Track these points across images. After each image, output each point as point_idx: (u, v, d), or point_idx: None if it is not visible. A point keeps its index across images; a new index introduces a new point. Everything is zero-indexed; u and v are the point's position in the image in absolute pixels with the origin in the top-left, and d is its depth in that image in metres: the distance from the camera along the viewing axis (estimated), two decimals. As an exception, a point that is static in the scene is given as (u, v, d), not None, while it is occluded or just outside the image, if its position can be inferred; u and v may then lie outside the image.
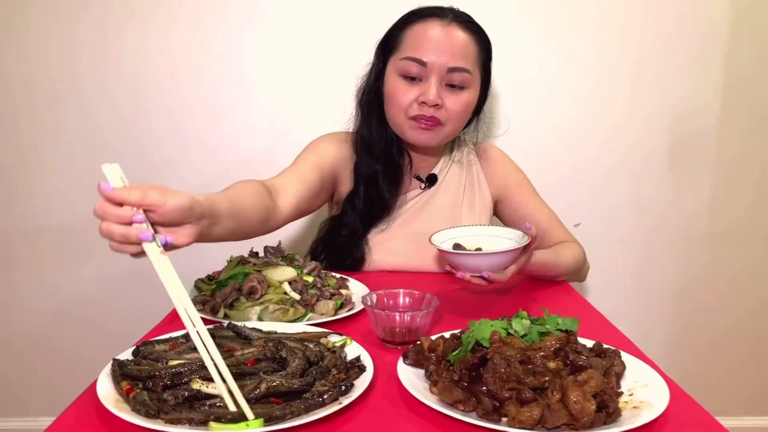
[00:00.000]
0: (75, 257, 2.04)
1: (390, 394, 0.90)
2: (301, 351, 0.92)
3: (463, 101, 1.42)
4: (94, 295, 2.07)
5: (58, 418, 0.81)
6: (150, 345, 0.95)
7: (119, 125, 1.95)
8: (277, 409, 0.77)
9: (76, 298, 2.07)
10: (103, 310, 2.09)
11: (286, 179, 1.38)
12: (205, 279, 1.29)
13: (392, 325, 1.07)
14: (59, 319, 2.09)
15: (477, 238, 1.33)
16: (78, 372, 1.96)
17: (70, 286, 2.07)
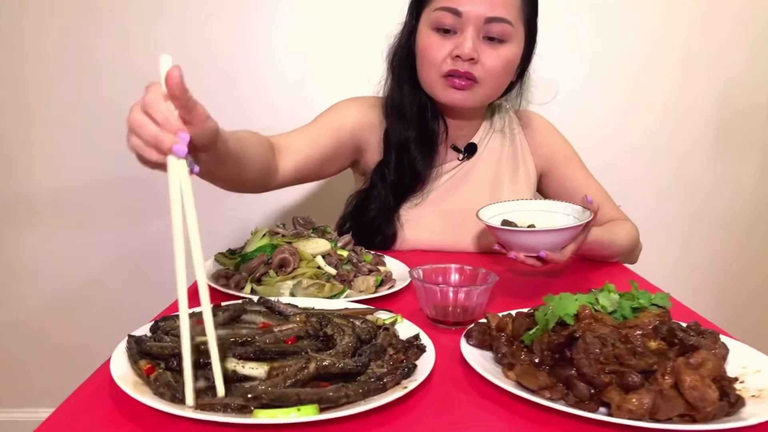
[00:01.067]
0: (75, 232, 1.90)
1: (455, 378, 0.76)
2: (349, 327, 0.78)
3: (503, 56, 1.27)
4: (98, 276, 1.94)
5: (65, 403, 0.67)
6: (170, 320, 0.81)
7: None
8: (331, 391, 0.63)
9: (79, 279, 1.93)
10: (107, 293, 1.95)
11: (294, 139, 1.25)
12: (227, 253, 1.16)
13: (445, 303, 0.93)
14: (58, 304, 1.95)
15: (527, 213, 1.20)
16: (79, 357, 1.82)
17: (73, 265, 1.93)
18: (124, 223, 1.90)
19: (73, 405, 0.66)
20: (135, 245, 1.91)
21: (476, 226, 1.39)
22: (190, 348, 0.71)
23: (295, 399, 0.61)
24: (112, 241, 1.91)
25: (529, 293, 1.13)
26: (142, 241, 1.90)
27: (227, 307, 0.85)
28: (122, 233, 1.90)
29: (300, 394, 0.61)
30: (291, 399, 0.61)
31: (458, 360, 0.81)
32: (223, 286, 1.02)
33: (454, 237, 1.40)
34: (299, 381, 0.66)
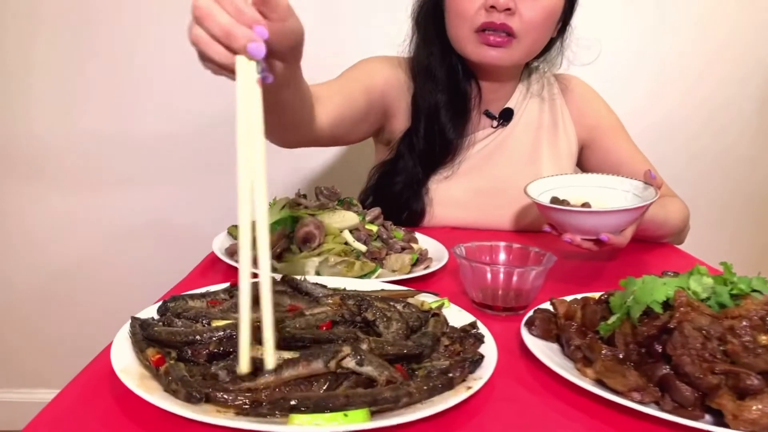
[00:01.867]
0: (73, 197, 1.76)
1: (518, 374, 0.65)
2: (395, 312, 0.66)
3: (544, 6, 1.13)
4: (98, 247, 1.81)
5: (55, 400, 0.55)
6: (181, 300, 0.69)
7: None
8: (388, 390, 0.51)
9: (77, 251, 1.80)
10: (108, 267, 1.83)
11: (326, 89, 1.10)
12: (241, 226, 1.03)
13: (495, 285, 0.81)
14: (54, 279, 1.82)
15: (578, 190, 1.07)
16: (77, 338, 1.71)
17: (70, 235, 1.79)
18: (129, 188, 1.76)
19: (65, 403, 0.55)
20: (141, 213, 1.77)
21: (512, 201, 1.27)
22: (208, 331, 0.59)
23: (342, 401, 0.49)
24: (115, 208, 1.77)
25: (579, 278, 1.01)
26: (149, 209, 1.76)
27: (247, 287, 0.73)
28: (127, 199, 1.76)
29: (349, 396, 0.49)
30: (337, 401, 0.49)
31: (517, 353, 0.70)
32: (239, 262, 0.89)
33: (488, 214, 1.27)
34: (346, 372, 0.54)
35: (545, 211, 0.95)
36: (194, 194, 1.75)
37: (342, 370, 0.55)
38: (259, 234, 0.55)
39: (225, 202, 1.72)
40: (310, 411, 0.49)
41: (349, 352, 0.54)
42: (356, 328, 0.66)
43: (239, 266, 0.56)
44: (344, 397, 0.49)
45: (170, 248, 1.76)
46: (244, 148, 0.55)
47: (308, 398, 0.50)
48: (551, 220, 0.96)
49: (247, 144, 0.55)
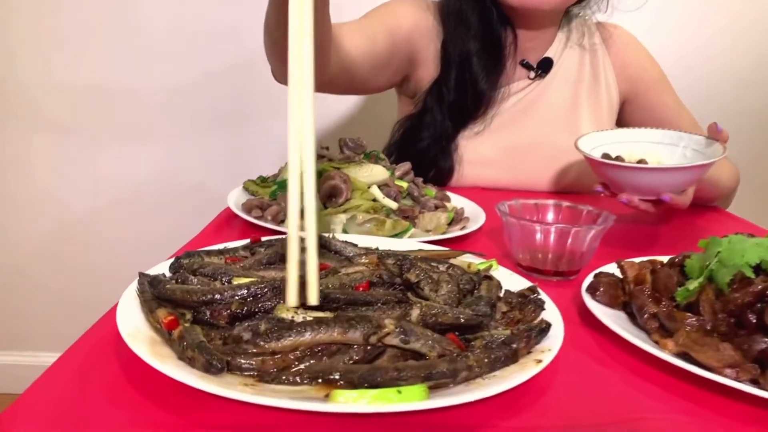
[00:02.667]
0: (77, 152, 1.66)
1: (585, 346, 0.56)
2: (444, 274, 0.58)
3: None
4: (105, 211, 1.73)
5: (52, 367, 0.47)
6: (196, 256, 0.61)
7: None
8: (445, 362, 0.43)
9: (81, 207, 1.72)
10: (115, 226, 1.74)
11: (347, 28, 1.00)
12: (257, 180, 0.94)
13: (545, 247, 0.72)
14: (59, 237, 1.75)
15: (629, 146, 0.97)
16: (82, 299, 1.64)
17: (79, 195, 1.71)
18: (135, 143, 1.66)
19: (64, 372, 0.46)
20: (148, 170, 1.67)
21: (548, 160, 1.17)
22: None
23: (393, 375, 0.40)
24: (120, 164, 1.68)
25: (629, 243, 0.91)
26: (157, 165, 1.66)
27: (271, 243, 0.64)
28: (133, 155, 1.66)
29: (400, 369, 0.41)
30: (387, 375, 0.40)
31: (577, 322, 0.61)
32: (258, 218, 0.81)
33: (521, 173, 1.18)
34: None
35: (600, 168, 0.85)
36: (203, 151, 1.66)
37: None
38: (307, 178, 0.46)
39: (235, 159, 1.63)
40: (354, 386, 0.40)
41: (392, 329, 0.45)
42: (398, 290, 0.57)
43: (288, 197, 0.47)
44: (395, 370, 0.40)
45: (180, 206, 1.68)
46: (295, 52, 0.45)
47: (352, 371, 0.41)
48: (606, 179, 0.87)
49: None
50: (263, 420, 0.41)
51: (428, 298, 0.55)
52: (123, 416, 0.41)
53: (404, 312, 0.47)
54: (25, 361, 1.82)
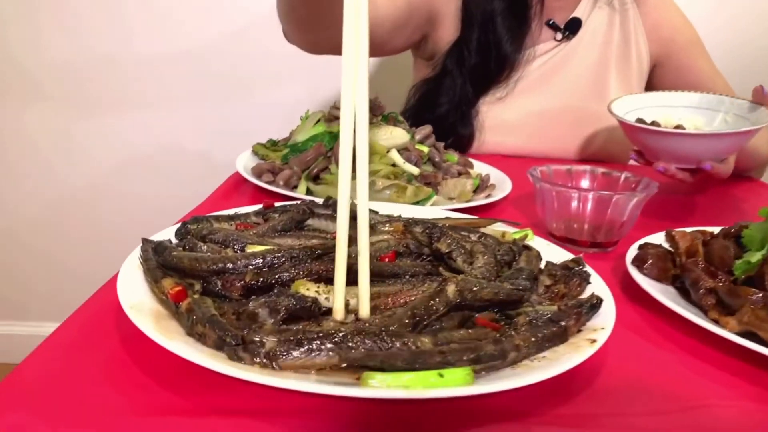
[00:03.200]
0: (80, 119, 1.60)
1: (634, 324, 0.51)
2: (478, 244, 0.52)
3: None
4: (107, 179, 1.67)
5: (46, 342, 0.42)
6: (205, 222, 0.55)
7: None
8: (489, 345, 0.37)
9: (85, 177, 1.66)
10: (120, 196, 1.69)
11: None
12: (267, 144, 0.88)
13: (582, 216, 0.66)
14: (61, 206, 1.70)
15: (664, 110, 0.91)
16: (85, 268, 1.59)
17: (80, 159, 1.65)
18: (138, 111, 1.60)
19: (58, 348, 0.42)
20: (151, 138, 1.61)
21: (575, 126, 1.11)
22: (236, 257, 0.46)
23: (438, 360, 0.35)
24: (123, 132, 1.61)
25: (666, 215, 0.85)
26: (160, 132, 1.60)
27: (285, 208, 0.59)
28: (136, 123, 1.60)
29: (445, 352, 0.35)
30: (432, 360, 0.35)
31: (622, 297, 0.56)
32: (269, 183, 0.76)
33: (546, 140, 1.11)
34: (430, 313, 0.40)
35: (636, 133, 0.79)
36: (208, 117, 1.60)
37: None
38: (359, 144, 0.40)
39: (241, 125, 1.57)
40: (393, 369, 0.35)
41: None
42: (426, 260, 0.52)
43: (339, 175, 0.41)
44: (439, 353, 0.35)
45: (185, 174, 1.62)
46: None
47: (393, 356, 0.36)
48: (640, 145, 0.81)
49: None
50: (283, 404, 0.37)
51: (461, 271, 0.50)
52: (123, 399, 0.37)
53: (438, 288, 0.41)
54: (26, 332, 1.79)
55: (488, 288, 0.43)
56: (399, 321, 0.39)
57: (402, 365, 0.34)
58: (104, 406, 0.36)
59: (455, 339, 0.38)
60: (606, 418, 0.38)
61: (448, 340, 0.38)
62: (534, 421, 0.37)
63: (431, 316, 0.40)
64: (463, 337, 0.38)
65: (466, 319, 0.42)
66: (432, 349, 0.36)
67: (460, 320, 0.42)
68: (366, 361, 0.34)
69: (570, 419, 0.38)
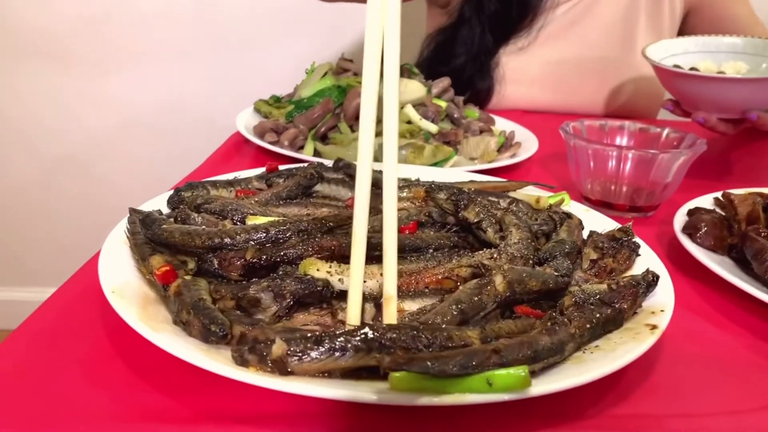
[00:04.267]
0: (73, 79, 1.52)
1: (690, 302, 0.45)
2: (508, 211, 0.46)
3: None
4: (101, 142, 1.60)
5: (21, 329, 0.37)
6: (201, 188, 0.49)
7: None
8: (544, 338, 0.31)
9: (77, 140, 1.59)
10: (115, 159, 1.62)
11: None
12: (271, 100, 0.81)
13: (619, 178, 0.60)
14: (61, 165, 1.63)
15: (703, 56, 0.83)
16: (84, 235, 1.54)
17: (74, 122, 1.58)
18: (135, 67, 1.51)
19: (30, 339, 0.36)
20: (148, 95, 1.53)
21: (602, 77, 1.03)
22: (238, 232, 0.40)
23: (494, 361, 0.29)
24: (118, 92, 1.54)
25: (706, 174, 0.78)
26: (158, 89, 1.52)
27: (291, 172, 0.52)
28: (133, 80, 1.52)
29: (499, 350, 0.29)
30: (488, 361, 0.29)
31: (672, 270, 0.50)
32: (273, 143, 0.69)
33: (571, 94, 1.04)
34: (477, 314, 0.34)
35: (674, 80, 0.72)
36: (206, 76, 1.51)
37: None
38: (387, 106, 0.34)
39: (242, 84, 1.48)
40: (445, 376, 0.29)
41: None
42: (451, 232, 0.46)
43: (360, 148, 0.34)
44: (494, 353, 0.29)
45: (183, 134, 1.55)
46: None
47: (441, 358, 0.29)
48: (678, 94, 0.74)
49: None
50: (294, 408, 0.31)
51: (492, 243, 0.43)
52: (106, 401, 0.31)
53: (485, 282, 0.35)
54: (21, 297, 1.75)
55: (536, 277, 0.36)
56: (443, 315, 0.33)
57: (455, 370, 0.28)
58: (83, 409, 0.30)
59: (503, 333, 0.32)
60: (671, 420, 0.32)
61: (496, 333, 0.32)
62: (589, 425, 0.31)
63: (479, 312, 0.33)
64: (510, 329, 0.32)
65: (503, 306, 0.36)
66: (484, 348, 0.29)
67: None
68: (410, 367, 0.27)
69: (629, 422, 0.32)
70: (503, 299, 0.34)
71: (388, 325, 0.32)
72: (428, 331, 0.31)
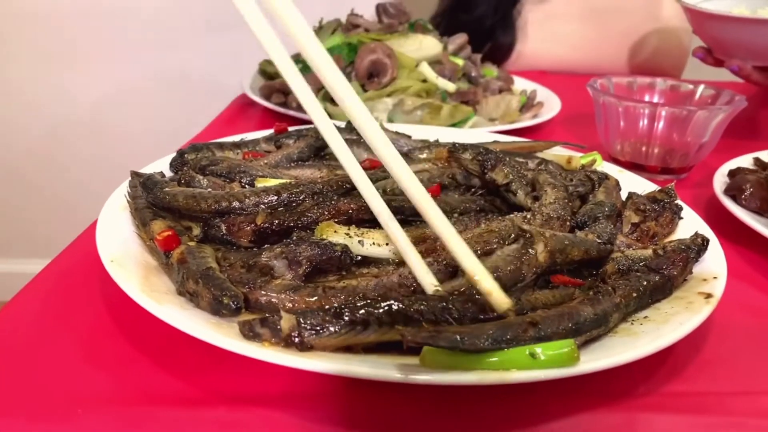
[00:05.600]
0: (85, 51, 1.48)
1: (740, 270, 0.41)
2: (540, 172, 0.42)
3: None
4: (102, 110, 1.56)
5: (17, 299, 0.34)
6: (205, 150, 0.45)
7: None
8: (587, 307, 0.28)
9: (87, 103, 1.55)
10: (116, 126, 1.58)
11: None
12: (277, 60, 0.77)
13: (651, 137, 0.56)
14: (61, 132, 1.59)
15: (737, 2, 0.77)
16: (84, 204, 1.51)
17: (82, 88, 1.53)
18: (138, 34, 1.47)
19: (25, 311, 0.33)
20: (153, 58, 1.49)
21: (627, 35, 0.98)
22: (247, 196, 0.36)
23: (531, 332, 0.26)
24: (126, 50, 1.49)
25: (737, 130, 0.73)
26: (164, 53, 1.48)
27: (301, 133, 0.49)
28: (138, 40, 1.48)
29: (537, 322, 0.26)
30: (524, 333, 0.26)
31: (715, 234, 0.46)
32: (280, 104, 0.65)
33: (601, 49, 0.99)
34: (515, 285, 0.31)
35: (707, 23, 0.67)
36: (211, 43, 1.46)
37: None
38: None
39: (243, 47, 1.43)
40: (476, 351, 0.26)
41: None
42: (477, 195, 0.42)
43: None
44: (530, 325, 0.26)
45: (187, 99, 1.50)
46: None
47: (475, 332, 0.26)
48: (710, 39, 0.69)
49: None
50: (311, 388, 0.28)
51: (523, 207, 0.40)
52: (107, 382, 0.28)
53: (524, 248, 0.31)
54: (14, 269, 1.73)
55: (578, 245, 0.33)
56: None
57: (487, 344, 0.25)
58: (81, 390, 0.28)
59: (539, 304, 0.29)
60: (731, 399, 0.29)
61: (533, 304, 0.28)
62: (641, 404, 0.28)
63: (517, 284, 0.30)
64: (548, 300, 0.29)
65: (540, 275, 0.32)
66: (520, 320, 0.26)
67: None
68: (437, 341, 0.24)
69: (685, 400, 0.29)
70: (543, 270, 0.31)
71: (415, 296, 0.29)
72: (459, 302, 0.28)
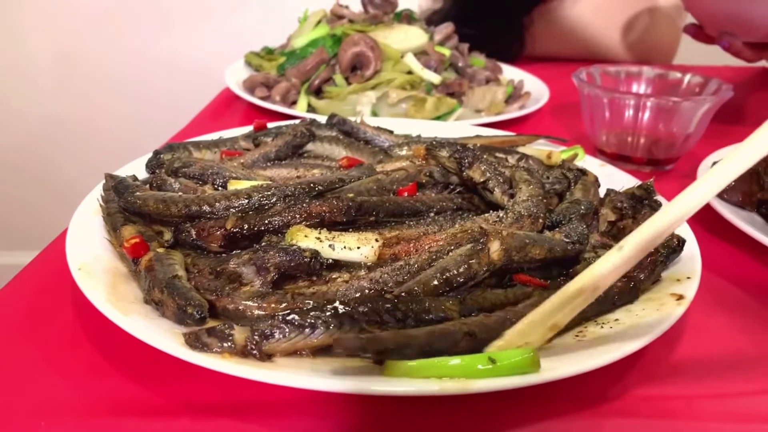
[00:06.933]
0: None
1: (718, 266, 0.41)
2: (518, 168, 0.42)
3: None
4: (90, 100, 1.55)
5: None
6: (181, 150, 0.45)
7: None
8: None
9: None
10: (105, 116, 1.57)
11: None
12: (262, 52, 0.76)
13: (636, 128, 0.55)
14: (47, 123, 1.59)
15: None
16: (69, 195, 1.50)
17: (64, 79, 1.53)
18: (124, 21, 1.45)
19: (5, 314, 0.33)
20: (139, 51, 1.47)
21: (621, 19, 0.97)
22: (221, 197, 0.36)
23: (464, 343, 0.26)
24: (110, 43, 1.48)
25: (725, 119, 0.72)
26: (150, 44, 1.46)
27: (280, 130, 0.48)
28: (126, 32, 1.46)
29: (475, 333, 0.26)
30: (455, 344, 0.26)
31: (696, 228, 0.46)
32: (263, 98, 0.64)
33: (601, 35, 0.98)
34: (466, 282, 0.30)
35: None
36: (198, 31, 1.44)
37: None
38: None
39: (236, 38, 1.42)
40: (404, 358, 0.26)
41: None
42: (455, 193, 0.42)
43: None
44: (466, 336, 0.26)
45: (174, 91, 1.49)
46: None
47: (404, 342, 0.26)
48: (701, 14, 0.69)
49: None
50: (277, 397, 0.28)
51: (500, 205, 0.39)
52: (74, 392, 0.28)
53: (479, 248, 0.31)
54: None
55: (540, 244, 0.32)
56: (425, 285, 0.30)
57: (412, 353, 0.25)
58: (45, 401, 0.28)
59: (487, 304, 0.29)
60: (700, 402, 0.29)
61: (479, 304, 0.28)
62: (611, 409, 0.28)
63: (468, 282, 0.30)
64: (497, 300, 0.29)
65: (502, 273, 0.32)
66: (456, 327, 0.26)
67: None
68: (366, 348, 0.24)
69: (656, 404, 0.29)
70: (497, 268, 0.31)
71: (361, 297, 0.29)
72: (404, 304, 0.28)
